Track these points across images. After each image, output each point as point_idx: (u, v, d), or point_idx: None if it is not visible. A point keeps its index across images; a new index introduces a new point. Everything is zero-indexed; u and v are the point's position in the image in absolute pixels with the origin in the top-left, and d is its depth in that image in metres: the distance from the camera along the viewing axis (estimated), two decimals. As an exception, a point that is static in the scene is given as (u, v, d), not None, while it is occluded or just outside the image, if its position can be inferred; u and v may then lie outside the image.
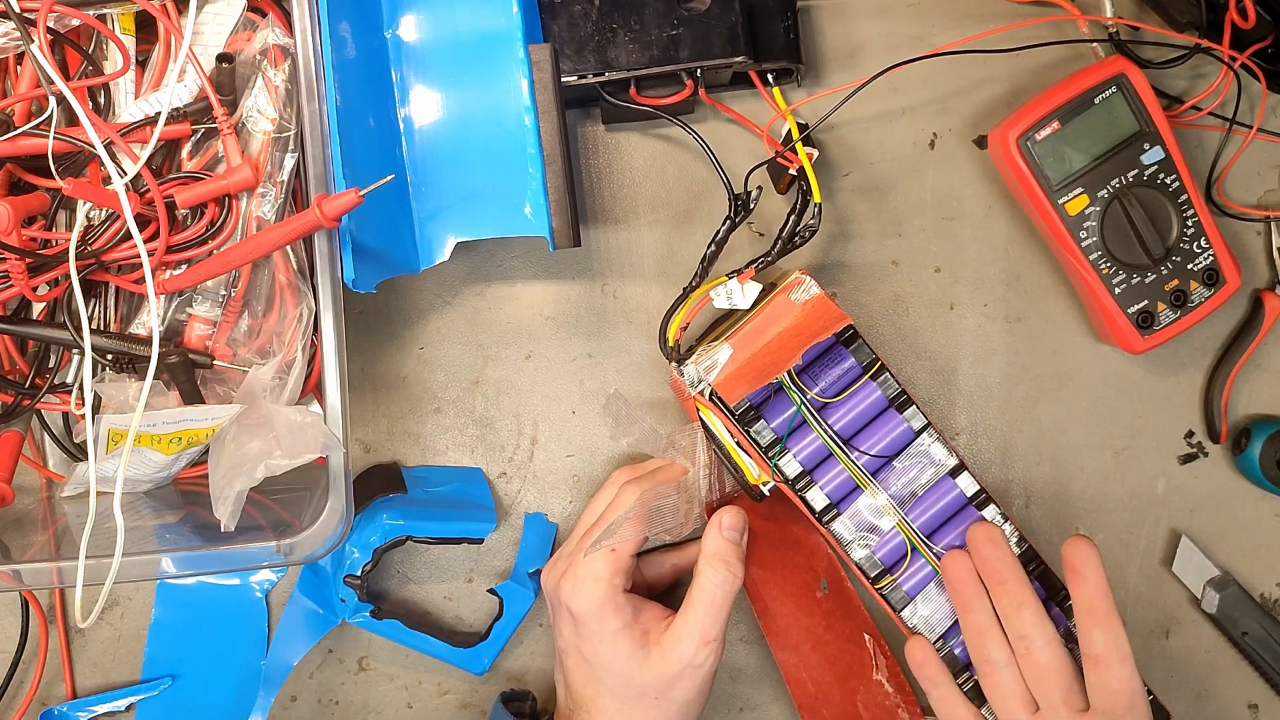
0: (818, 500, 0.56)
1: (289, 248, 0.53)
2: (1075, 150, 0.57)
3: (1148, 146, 0.57)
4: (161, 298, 0.53)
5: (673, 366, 0.57)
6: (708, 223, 0.62)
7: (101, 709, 0.63)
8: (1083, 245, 0.58)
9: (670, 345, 0.57)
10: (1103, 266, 0.58)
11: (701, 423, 0.56)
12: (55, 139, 0.49)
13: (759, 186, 0.57)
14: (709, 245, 0.57)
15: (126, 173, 0.50)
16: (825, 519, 0.56)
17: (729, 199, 0.56)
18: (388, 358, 0.63)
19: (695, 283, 0.57)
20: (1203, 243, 0.58)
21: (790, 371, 0.55)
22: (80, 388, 0.56)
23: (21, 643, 0.62)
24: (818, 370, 0.56)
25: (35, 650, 0.63)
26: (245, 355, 0.55)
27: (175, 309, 0.55)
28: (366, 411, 0.63)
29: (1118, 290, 0.58)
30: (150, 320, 0.53)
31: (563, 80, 0.56)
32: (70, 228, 0.53)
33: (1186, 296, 0.58)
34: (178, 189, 0.51)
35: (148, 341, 0.53)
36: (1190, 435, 0.63)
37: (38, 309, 0.55)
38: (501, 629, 0.62)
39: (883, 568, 0.56)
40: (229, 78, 0.51)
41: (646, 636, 0.55)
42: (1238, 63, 0.58)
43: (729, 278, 0.56)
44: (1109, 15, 0.60)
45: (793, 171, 0.57)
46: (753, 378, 0.55)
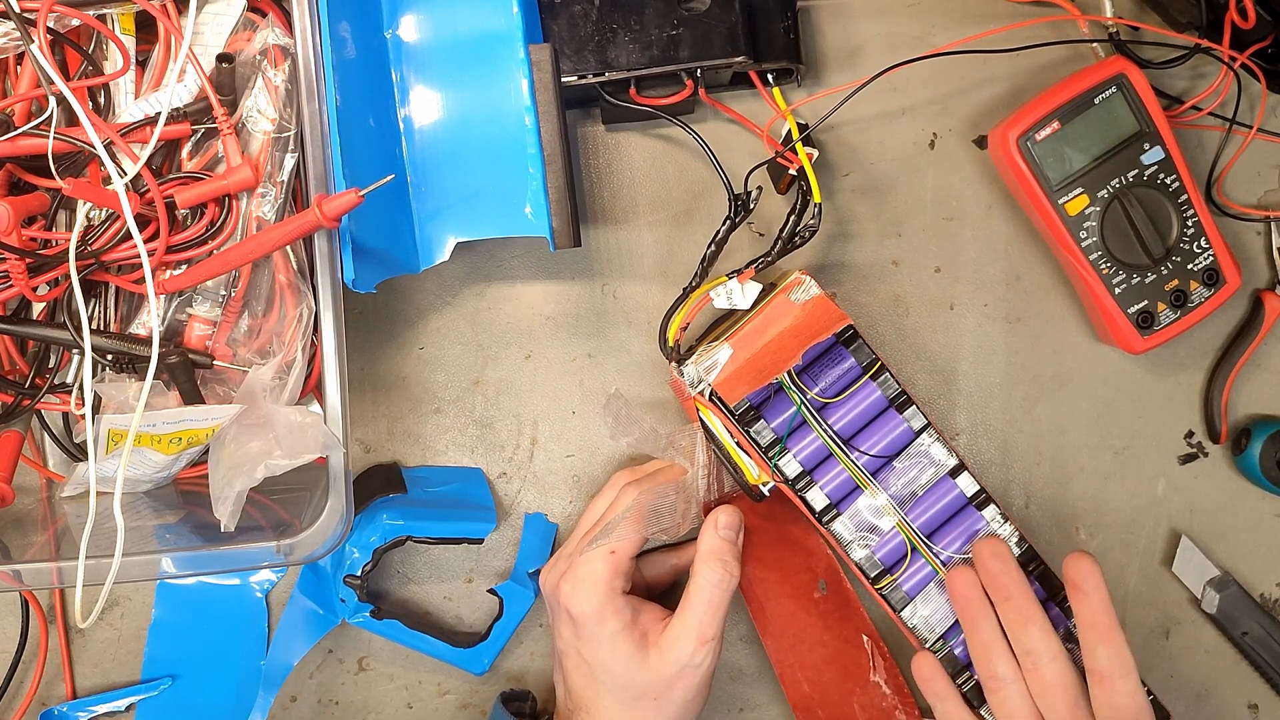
0: (818, 500, 0.56)
1: (289, 248, 0.53)
2: (1075, 150, 0.57)
3: (1148, 146, 0.57)
4: (161, 298, 0.53)
5: (673, 366, 0.57)
6: (708, 223, 0.62)
7: (101, 709, 0.63)
8: (1083, 245, 0.58)
9: (670, 345, 0.57)
10: (1103, 266, 0.58)
11: (701, 423, 0.56)
12: (55, 139, 0.49)
13: (759, 186, 0.57)
14: (709, 245, 0.57)
15: (126, 173, 0.50)
16: (825, 519, 0.56)
17: (729, 199, 0.56)
18: (388, 358, 0.63)
19: (695, 283, 0.57)
20: (1203, 243, 0.58)
21: (790, 371, 0.55)
22: (80, 388, 0.56)
23: (21, 643, 0.62)
24: (818, 370, 0.56)
25: (35, 650, 0.63)
26: (245, 355, 0.55)
27: (175, 309, 0.55)
28: (366, 411, 0.63)
29: (1118, 290, 0.58)
30: (150, 320, 0.53)
31: (563, 80, 0.56)
32: (70, 228, 0.53)
33: (1186, 296, 0.58)
34: (178, 189, 0.51)
35: (148, 341, 0.53)
36: (1190, 435, 0.63)
37: (38, 309, 0.55)
38: (501, 629, 0.62)
39: (883, 568, 0.56)
40: (229, 78, 0.51)
41: (645, 638, 0.55)
42: (1238, 63, 0.58)
43: (729, 278, 0.56)
44: (1109, 15, 0.60)
45: (793, 171, 0.57)
46: (753, 378, 0.55)
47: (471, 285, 0.63)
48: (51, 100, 0.48)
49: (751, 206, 0.57)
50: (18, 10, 0.48)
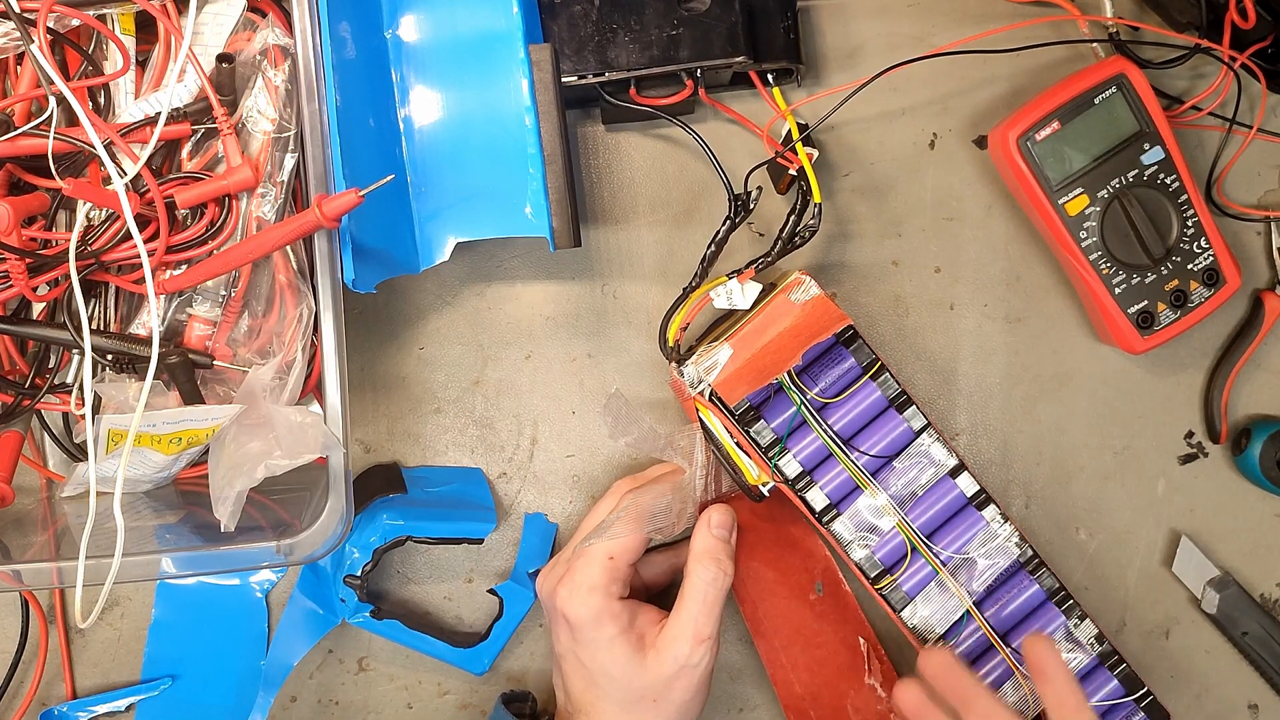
0: (818, 500, 0.56)
1: (289, 248, 0.53)
2: (1075, 150, 0.57)
3: (1148, 146, 0.57)
4: (161, 298, 0.53)
5: (673, 366, 0.57)
6: (708, 223, 0.62)
7: (101, 709, 0.63)
8: (1083, 245, 0.58)
9: (670, 345, 0.57)
10: (1103, 266, 0.58)
11: (701, 423, 0.56)
12: (55, 139, 0.49)
13: (759, 186, 0.57)
14: (709, 245, 0.57)
15: (126, 173, 0.50)
16: (825, 519, 0.56)
17: (729, 199, 0.56)
18: (388, 358, 0.63)
19: (695, 283, 0.57)
20: (1203, 243, 0.58)
21: (790, 372, 0.55)
22: (80, 388, 0.56)
23: (21, 643, 0.62)
24: (818, 370, 0.56)
25: (35, 650, 0.63)
26: (245, 355, 0.55)
27: (175, 309, 0.55)
28: (366, 411, 0.63)
29: (1118, 290, 0.58)
30: (150, 320, 0.53)
31: (563, 80, 0.56)
32: (70, 228, 0.53)
33: (1186, 296, 0.58)
34: (178, 189, 0.51)
35: (148, 341, 0.53)
36: (1190, 435, 0.63)
37: (38, 309, 0.55)
38: (501, 629, 0.62)
39: (883, 568, 0.56)
40: (229, 78, 0.51)
41: (642, 640, 0.55)
42: (1238, 63, 0.58)
43: (729, 278, 0.56)
44: (1109, 15, 0.60)
45: (793, 171, 0.57)
46: (753, 378, 0.55)
47: (471, 285, 0.63)
48: (51, 100, 0.48)
49: (751, 206, 0.57)
50: (18, 10, 0.48)
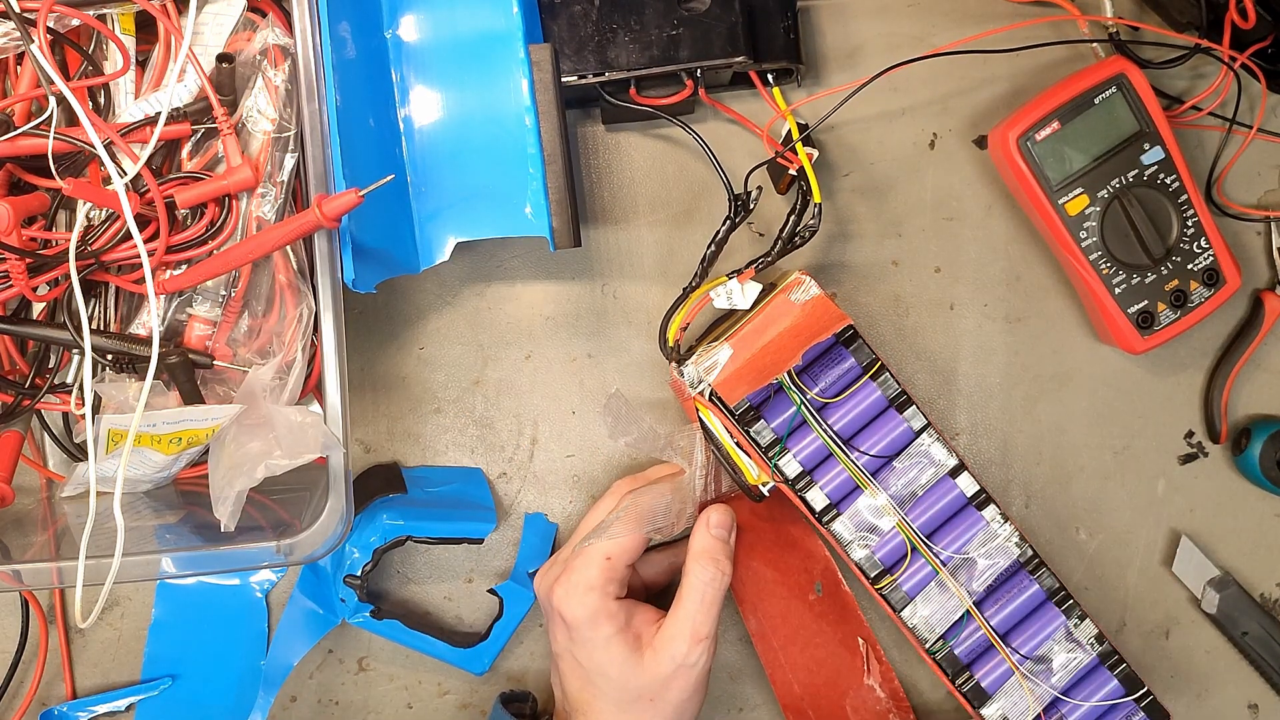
0: (818, 500, 0.56)
1: (289, 248, 0.53)
2: (1075, 150, 0.57)
3: (1148, 146, 0.57)
4: (161, 298, 0.53)
5: (673, 366, 0.57)
6: (708, 223, 0.62)
7: (101, 709, 0.63)
8: (1083, 245, 0.58)
9: (670, 345, 0.57)
10: (1103, 266, 0.58)
11: (701, 423, 0.56)
12: (55, 139, 0.49)
13: (759, 186, 0.57)
14: (709, 245, 0.57)
15: (126, 173, 0.50)
16: (825, 519, 0.56)
17: (729, 199, 0.56)
18: (388, 358, 0.63)
19: (695, 283, 0.57)
20: (1203, 243, 0.58)
21: (790, 371, 0.55)
22: (80, 388, 0.56)
23: (21, 643, 0.62)
24: (818, 370, 0.56)
25: (35, 650, 0.63)
26: (245, 355, 0.55)
27: (175, 309, 0.55)
28: (366, 411, 0.63)
29: (1118, 290, 0.58)
30: (150, 320, 0.53)
31: (563, 80, 0.56)
32: (70, 228, 0.53)
33: (1186, 296, 0.58)
34: (178, 189, 0.51)
35: (148, 341, 0.53)
36: (1190, 435, 0.63)
37: (38, 309, 0.55)
38: (501, 629, 0.62)
39: (883, 568, 0.56)
40: (229, 78, 0.51)
41: (639, 640, 0.54)
42: (1238, 63, 0.58)
43: (729, 278, 0.56)
44: (1109, 15, 0.60)
45: (793, 171, 0.57)
46: (753, 378, 0.55)
47: (471, 285, 0.63)
48: (51, 100, 0.48)
49: (751, 206, 0.57)
50: (18, 10, 0.48)
